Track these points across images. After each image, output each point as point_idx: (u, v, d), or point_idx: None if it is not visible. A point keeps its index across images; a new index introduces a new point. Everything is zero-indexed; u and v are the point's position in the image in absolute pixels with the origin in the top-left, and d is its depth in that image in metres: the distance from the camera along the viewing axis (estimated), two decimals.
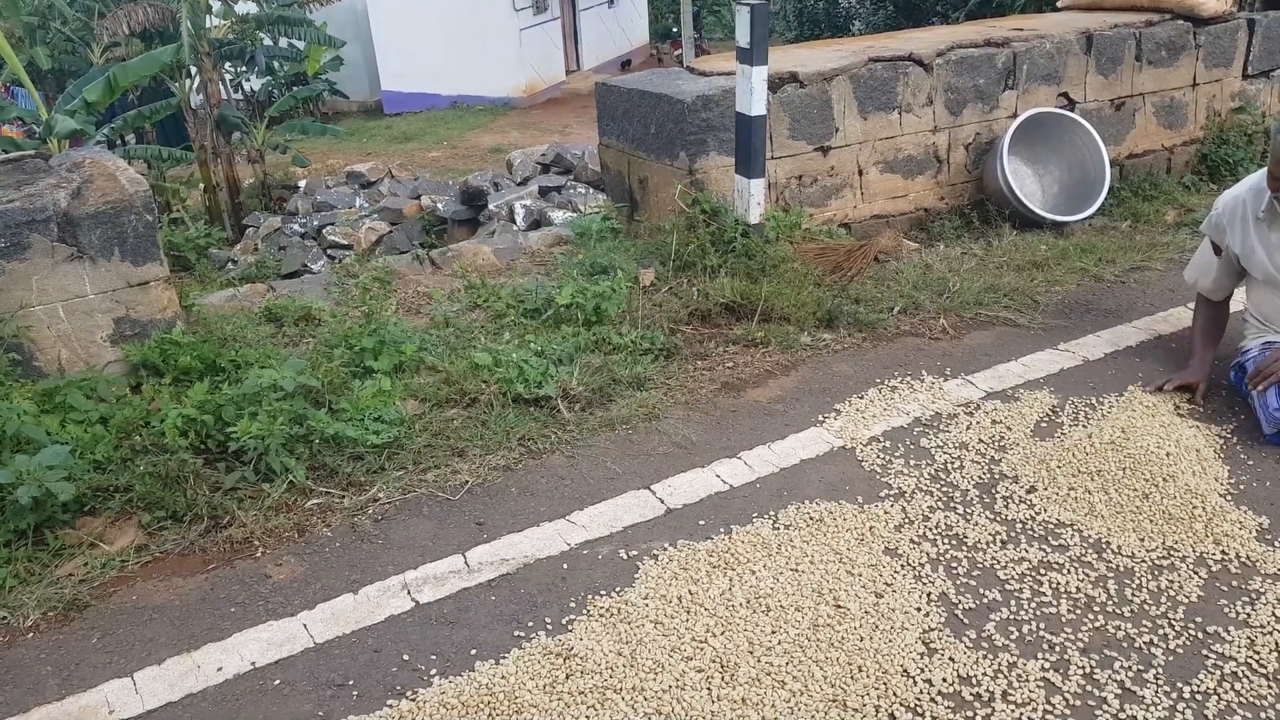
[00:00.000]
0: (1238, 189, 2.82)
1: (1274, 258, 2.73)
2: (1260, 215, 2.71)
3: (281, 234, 8.90)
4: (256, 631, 2.14)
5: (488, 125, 13.86)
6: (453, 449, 2.76)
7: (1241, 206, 2.77)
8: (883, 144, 4.30)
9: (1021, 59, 4.50)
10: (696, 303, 3.53)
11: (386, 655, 2.05)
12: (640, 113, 4.10)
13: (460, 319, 3.54)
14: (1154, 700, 1.85)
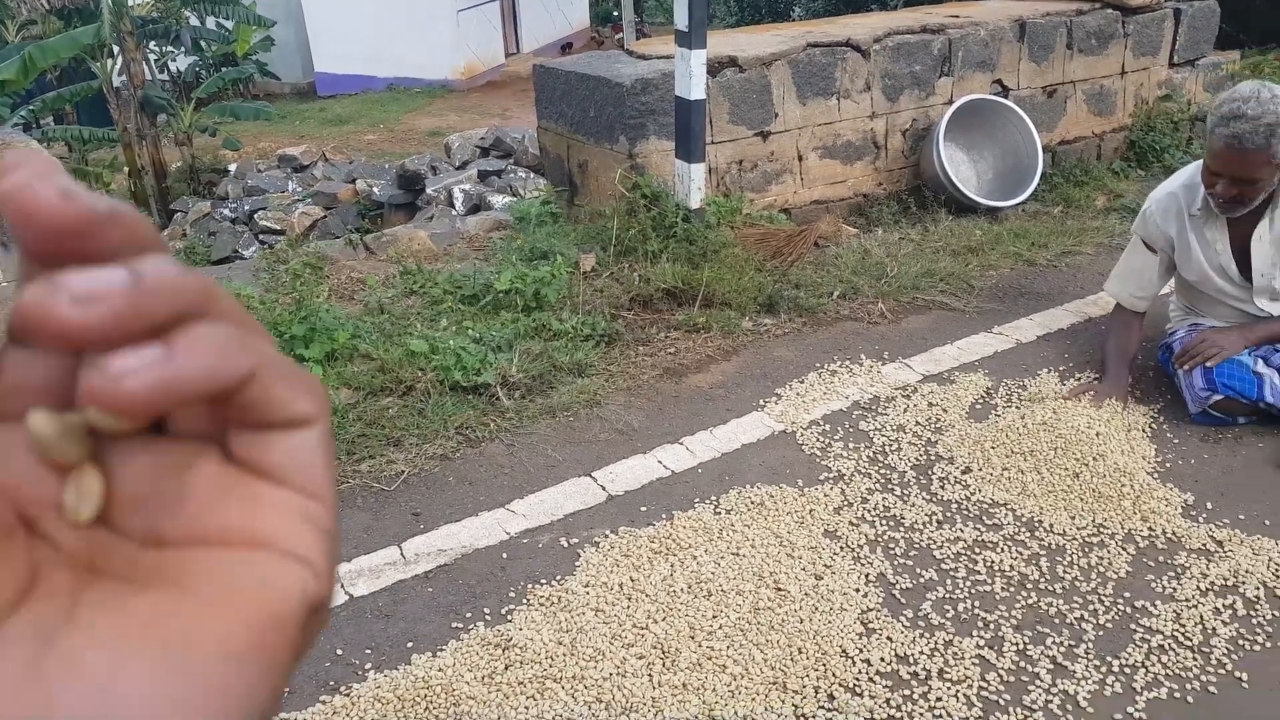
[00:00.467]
0: (1170, 186, 2.80)
1: (1208, 255, 2.75)
2: (1195, 212, 2.71)
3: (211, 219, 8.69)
4: None
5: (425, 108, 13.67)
6: (388, 438, 2.72)
7: (1175, 203, 2.75)
8: (822, 129, 4.32)
9: (957, 46, 4.54)
10: (638, 288, 3.51)
11: (319, 650, 2.00)
12: (579, 96, 4.06)
13: (396, 305, 3.48)
14: (1085, 674, 1.89)
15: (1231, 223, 2.67)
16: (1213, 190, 2.57)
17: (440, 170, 7.79)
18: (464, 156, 8.10)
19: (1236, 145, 2.43)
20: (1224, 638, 1.97)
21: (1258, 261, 2.67)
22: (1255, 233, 2.65)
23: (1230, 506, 2.38)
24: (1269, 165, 2.45)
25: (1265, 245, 2.65)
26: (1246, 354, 2.68)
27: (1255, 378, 2.63)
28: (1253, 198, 2.54)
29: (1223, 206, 2.59)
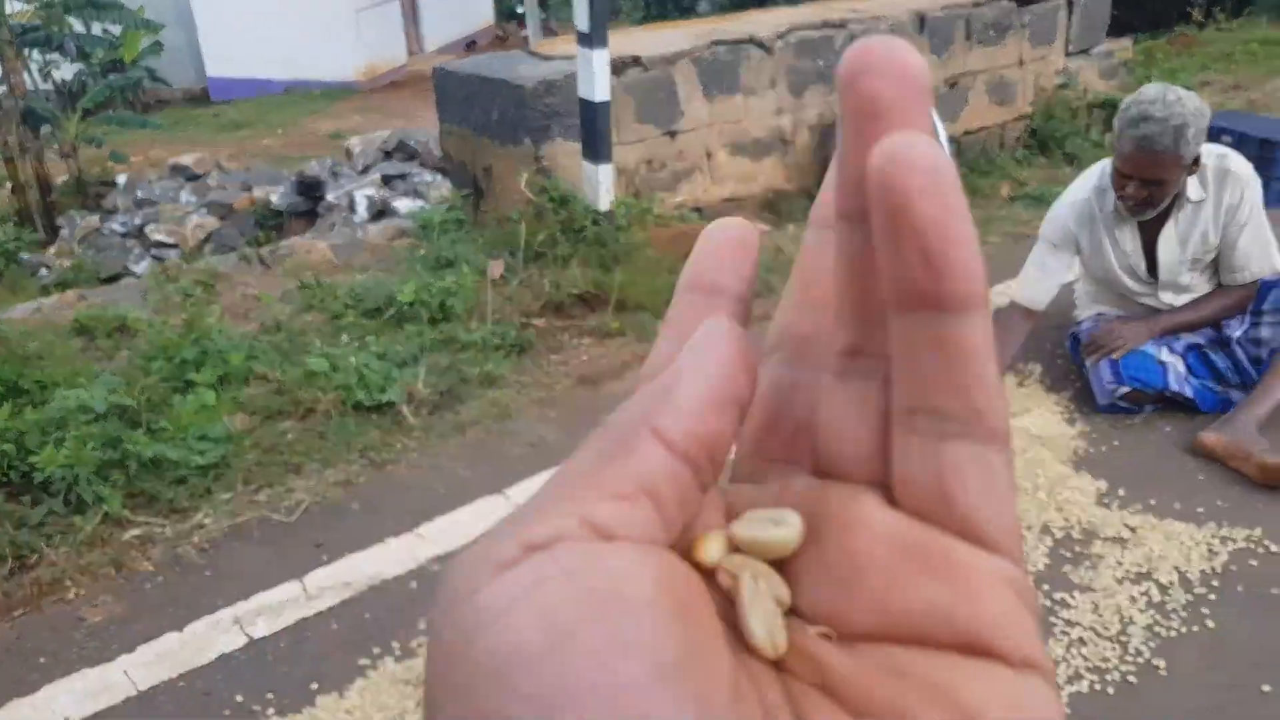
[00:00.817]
0: (1081, 191, 2.79)
1: (1118, 256, 2.75)
2: (1107, 215, 2.71)
3: (100, 234, 8.31)
4: (70, 682, 1.95)
5: (326, 110, 13.33)
6: (287, 465, 2.58)
7: (1089, 208, 2.75)
8: (729, 127, 4.28)
9: (859, 39, 4.54)
10: (549, 294, 3.42)
11: (218, 698, 1.89)
12: (481, 98, 3.95)
13: (293, 322, 3.32)
14: None
15: (1140, 223, 2.71)
16: (1123, 193, 2.58)
17: (342, 175, 7.57)
18: (366, 160, 7.89)
19: (1146, 147, 2.44)
20: (1140, 626, 1.97)
21: (1165, 259, 2.71)
22: (1163, 232, 2.68)
23: (1141, 492, 2.39)
24: (1177, 166, 2.47)
25: (1172, 244, 2.68)
26: (1151, 343, 2.71)
27: (1160, 366, 2.66)
28: (1161, 199, 2.56)
29: (1133, 209, 2.61)
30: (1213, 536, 2.22)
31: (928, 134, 0.20)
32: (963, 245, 0.19)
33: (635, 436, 0.21)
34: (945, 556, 0.20)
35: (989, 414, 0.21)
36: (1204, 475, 2.44)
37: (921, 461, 0.21)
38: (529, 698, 0.17)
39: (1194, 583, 2.08)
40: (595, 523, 0.20)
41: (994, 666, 0.19)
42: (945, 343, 0.20)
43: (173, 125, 13.01)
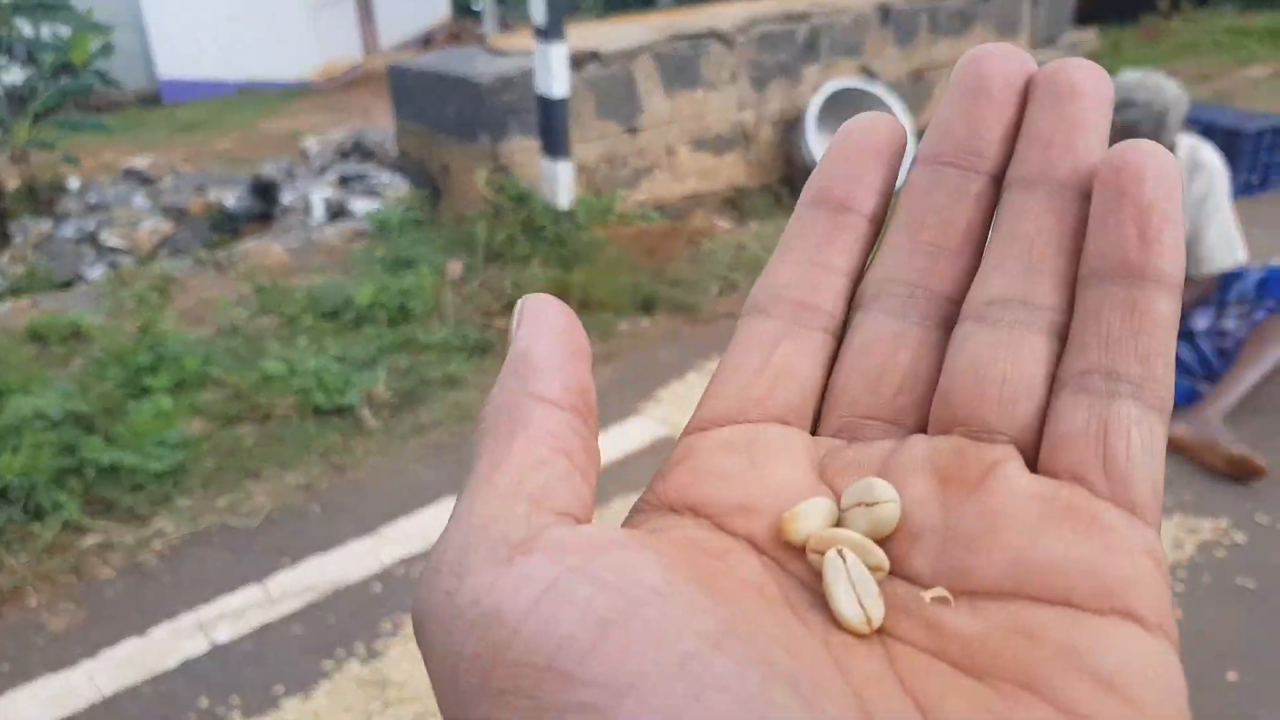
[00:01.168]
0: None
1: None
2: None
3: (53, 240, 8.16)
4: (33, 689, 1.91)
5: (281, 110, 13.17)
6: (246, 470, 2.54)
7: None
8: (691, 122, 4.27)
9: (822, 33, 4.56)
10: (509, 294, 3.39)
11: (182, 702, 1.87)
12: (437, 96, 3.91)
13: (249, 326, 3.27)
14: None
15: None
16: None
17: (298, 176, 7.48)
18: (323, 161, 7.79)
19: (1129, 134, 2.47)
20: None
21: None
22: None
23: None
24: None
25: None
26: None
27: None
28: None
29: None
30: (1179, 528, 2.24)
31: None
32: (1176, 230, 0.21)
33: (521, 408, 0.21)
34: (1093, 515, 0.20)
35: (1164, 385, 0.21)
36: (1170, 468, 2.47)
37: (1088, 418, 0.21)
38: (593, 683, 0.17)
39: None
40: (535, 496, 0.20)
41: (1130, 627, 0.19)
42: (1140, 311, 0.21)
43: (125, 128, 12.79)
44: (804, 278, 0.25)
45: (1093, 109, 0.24)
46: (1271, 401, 2.67)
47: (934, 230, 0.24)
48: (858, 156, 0.25)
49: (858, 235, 0.25)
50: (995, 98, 0.24)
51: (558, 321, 0.23)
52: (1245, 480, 2.37)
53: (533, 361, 0.22)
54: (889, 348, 0.24)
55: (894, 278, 0.25)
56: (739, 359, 0.25)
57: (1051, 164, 0.23)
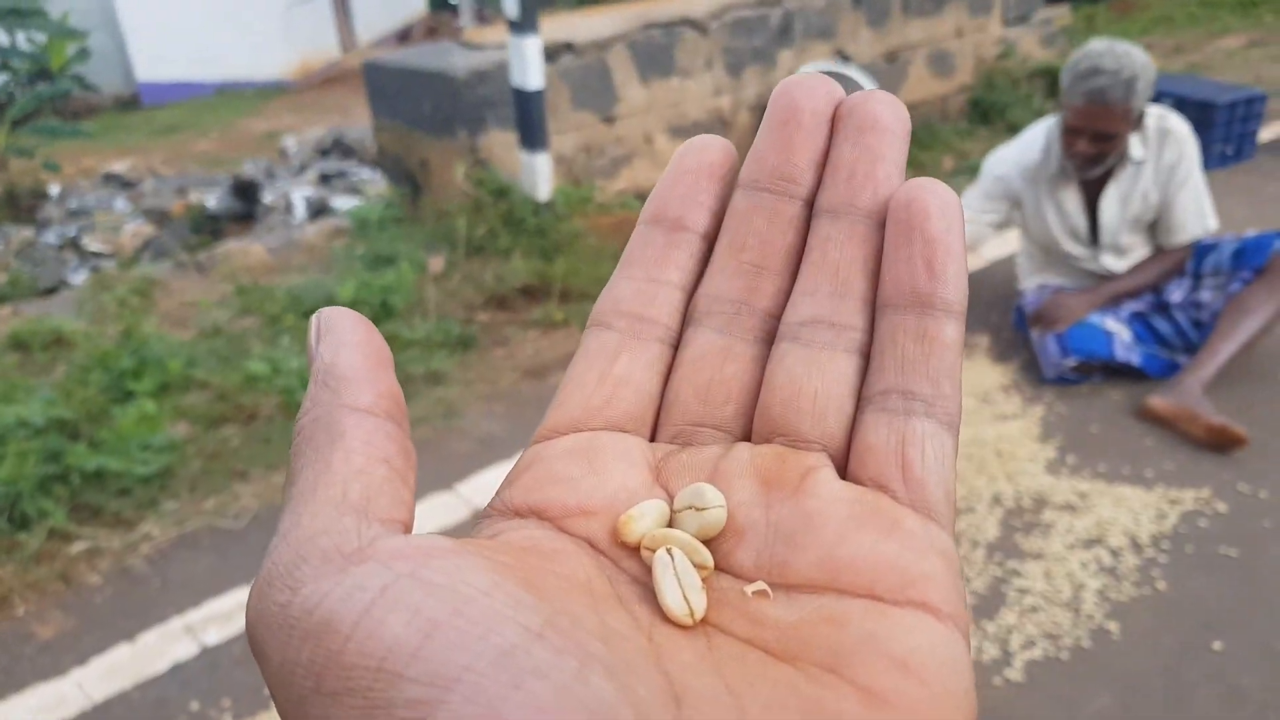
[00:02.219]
0: (1030, 151, 2.79)
1: (1061, 218, 2.78)
2: (1051, 176, 2.73)
3: (35, 247, 8.12)
4: (22, 698, 1.92)
5: (259, 110, 13.10)
6: (233, 472, 2.54)
7: (1033, 168, 2.76)
8: (668, 110, 4.27)
9: (795, 17, 4.55)
10: (491, 287, 3.39)
11: (173, 706, 1.87)
12: (413, 91, 3.90)
13: (232, 327, 3.26)
14: None
15: (1084, 183, 2.73)
16: (1073, 149, 2.60)
17: (278, 176, 7.45)
18: (302, 159, 7.77)
19: (1098, 100, 2.47)
20: (1092, 590, 2.00)
21: (1106, 219, 2.73)
22: (1105, 193, 2.71)
23: (1090, 459, 2.43)
24: (1127, 120, 2.51)
25: (1114, 204, 2.71)
26: (1095, 313, 2.74)
27: (1106, 336, 2.70)
28: (1110, 154, 2.59)
29: (1081, 166, 2.63)
30: (1162, 499, 2.26)
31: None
32: (960, 263, 0.24)
33: (336, 420, 0.22)
34: (895, 519, 0.22)
35: (952, 402, 0.24)
36: (1151, 440, 2.49)
37: (888, 433, 0.23)
38: (420, 680, 0.18)
39: (1144, 546, 2.12)
40: (358, 505, 0.21)
41: (924, 617, 0.21)
42: (929, 337, 0.24)
43: (104, 132, 12.71)
44: (641, 292, 0.27)
45: (892, 141, 0.26)
46: (1249, 371, 2.69)
47: (754, 251, 0.26)
48: (691, 178, 0.27)
49: (691, 252, 0.27)
50: (805, 126, 0.26)
51: (358, 332, 0.24)
52: (1226, 450, 2.39)
53: (341, 373, 0.23)
54: (718, 361, 0.26)
55: (721, 295, 0.26)
56: (581, 371, 0.27)
57: (854, 194, 0.26)
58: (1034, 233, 2.85)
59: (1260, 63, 6.10)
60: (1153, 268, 2.76)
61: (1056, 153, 2.69)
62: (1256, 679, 1.78)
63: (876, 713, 0.20)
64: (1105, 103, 2.47)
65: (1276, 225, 3.44)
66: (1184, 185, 2.65)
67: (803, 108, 0.26)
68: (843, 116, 0.26)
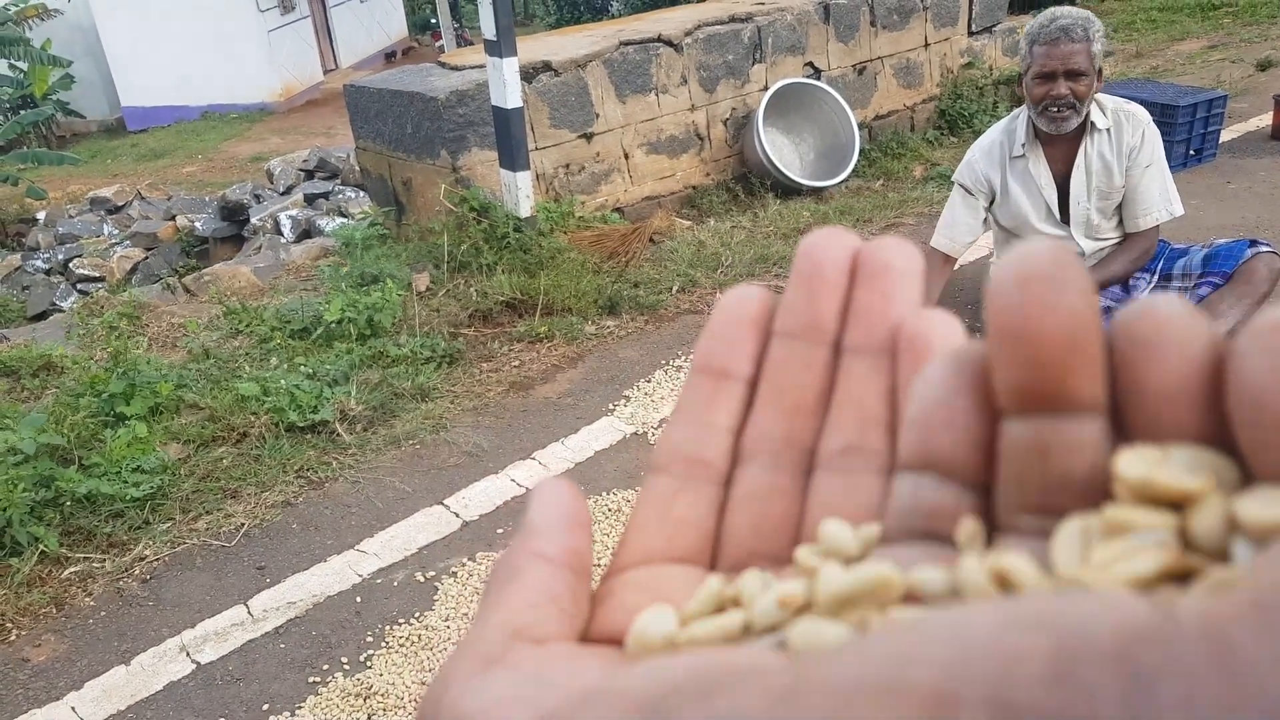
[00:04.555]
0: (990, 136, 2.87)
1: (1031, 195, 2.82)
2: (1017, 153, 2.78)
3: (23, 273, 8.14)
4: None
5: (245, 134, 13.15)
6: (224, 491, 2.58)
7: (998, 150, 2.82)
8: (644, 126, 4.34)
9: (766, 32, 4.63)
10: (476, 303, 3.45)
11: None
12: (395, 113, 3.96)
13: (221, 348, 3.31)
14: None
15: (1051, 157, 2.78)
16: (1051, 94, 2.63)
17: (265, 197, 7.50)
18: (288, 181, 7.82)
19: (1066, 36, 2.57)
20: None
21: (1075, 186, 2.77)
22: (1074, 164, 2.76)
23: None
24: (1091, 61, 2.58)
25: (1081, 173, 2.76)
26: None
27: None
28: (1082, 99, 2.63)
29: (1056, 117, 2.66)
30: None
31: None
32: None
33: (519, 562, 0.26)
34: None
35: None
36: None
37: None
38: None
39: None
40: (519, 628, 0.24)
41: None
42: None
43: (90, 158, 12.75)
44: (694, 437, 0.30)
45: (902, 281, 0.29)
46: None
47: (792, 395, 0.29)
48: (734, 328, 0.30)
49: (737, 396, 0.30)
50: (828, 279, 0.29)
51: (563, 496, 0.28)
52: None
53: (534, 526, 0.27)
54: (766, 497, 0.29)
55: (765, 435, 0.29)
56: (644, 514, 0.29)
57: (872, 333, 0.28)
58: (1004, 216, 2.88)
59: (1220, 65, 6.21)
60: (1120, 259, 2.81)
61: (1021, 131, 2.76)
62: None
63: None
64: (1071, 39, 2.57)
65: (1239, 222, 3.53)
66: (1148, 168, 2.69)
67: (825, 261, 0.29)
68: (860, 265, 0.29)
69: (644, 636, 0.24)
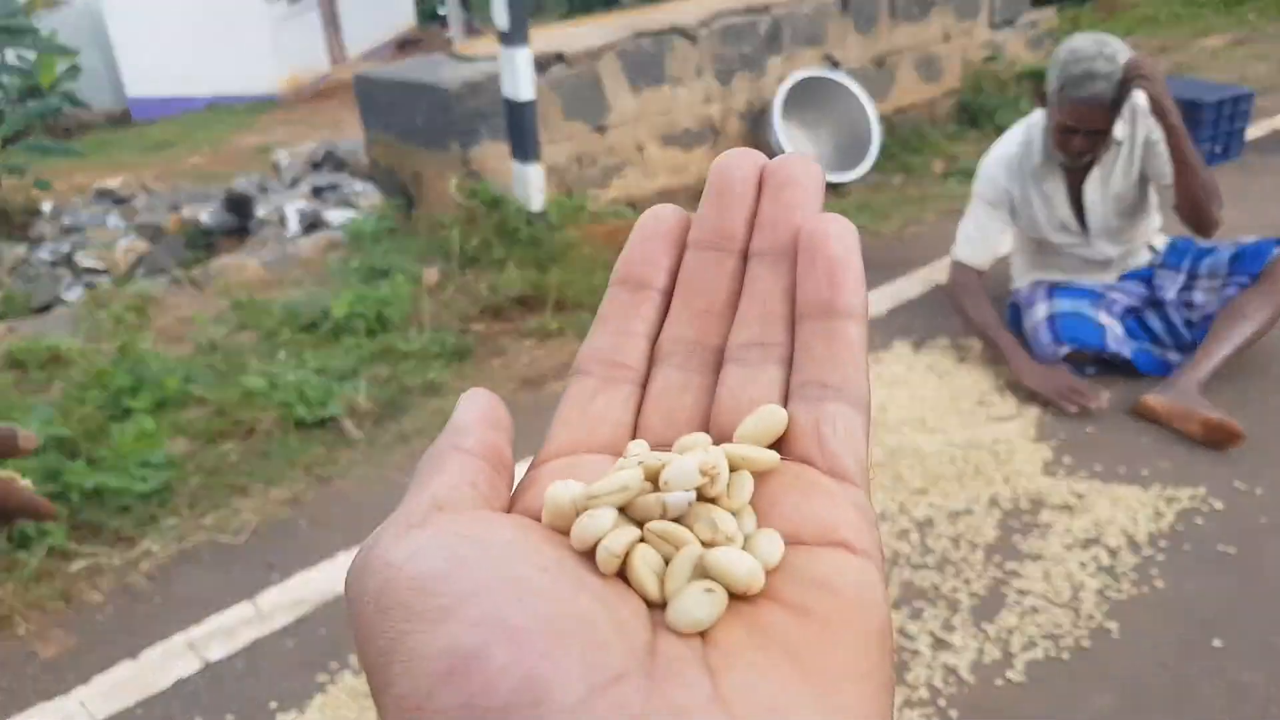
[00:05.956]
0: (1008, 147, 2.81)
1: (1047, 210, 2.79)
2: (1035, 169, 2.75)
3: (29, 264, 8.11)
4: (26, 718, 1.91)
5: (251, 125, 13.11)
6: (232, 487, 2.54)
7: (1017, 163, 2.78)
8: (659, 118, 4.28)
9: (783, 24, 4.57)
10: (486, 298, 3.40)
11: None
12: (405, 105, 3.91)
13: (228, 342, 3.26)
14: (963, 644, 1.90)
15: (1066, 173, 2.75)
16: (1069, 147, 2.61)
17: (271, 190, 7.46)
18: (294, 173, 7.78)
19: (1095, 103, 2.49)
20: (1091, 590, 2.01)
21: (1090, 202, 2.75)
22: (1089, 178, 2.73)
23: (1087, 459, 2.44)
24: (1118, 112, 2.54)
25: (1097, 185, 2.73)
26: (1089, 306, 2.76)
27: (1099, 328, 2.71)
28: (1102, 146, 2.62)
29: (1075, 159, 2.66)
30: (1158, 498, 2.27)
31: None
32: (856, 275, 0.30)
33: (445, 454, 0.29)
34: (813, 482, 0.28)
35: (858, 387, 0.29)
36: (1147, 438, 2.50)
37: (806, 416, 0.29)
38: (447, 594, 0.23)
39: (1142, 545, 2.12)
40: (440, 503, 0.27)
41: (842, 552, 0.26)
42: (835, 336, 0.29)
43: (96, 149, 12.71)
44: (613, 344, 0.33)
45: (805, 193, 0.31)
46: (1245, 368, 2.71)
47: (703, 299, 0.32)
48: (650, 243, 0.33)
49: (654, 305, 0.33)
50: (736, 192, 0.32)
51: (485, 402, 0.31)
52: (1222, 446, 2.40)
53: (458, 426, 0.30)
54: (678, 392, 0.32)
55: (678, 338, 0.32)
56: (566, 412, 0.32)
57: (776, 239, 0.31)
58: (1023, 226, 2.87)
59: (1245, 61, 6.13)
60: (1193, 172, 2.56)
61: (1038, 145, 2.72)
62: (1257, 675, 1.79)
63: (801, 620, 0.25)
64: (1103, 106, 2.50)
65: (1265, 222, 3.47)
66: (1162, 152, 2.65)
67: (734, 177, 0.32)
68: (766, 179, 0.32)
69: (555, 501, 0.27)
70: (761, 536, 0.27)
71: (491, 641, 0.22)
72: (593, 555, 0.26)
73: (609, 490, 0.27)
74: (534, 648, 0.22)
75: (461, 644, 0.22)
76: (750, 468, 0.28)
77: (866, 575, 0.26)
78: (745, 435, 0.29)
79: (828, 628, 0.25)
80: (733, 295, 0.32)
